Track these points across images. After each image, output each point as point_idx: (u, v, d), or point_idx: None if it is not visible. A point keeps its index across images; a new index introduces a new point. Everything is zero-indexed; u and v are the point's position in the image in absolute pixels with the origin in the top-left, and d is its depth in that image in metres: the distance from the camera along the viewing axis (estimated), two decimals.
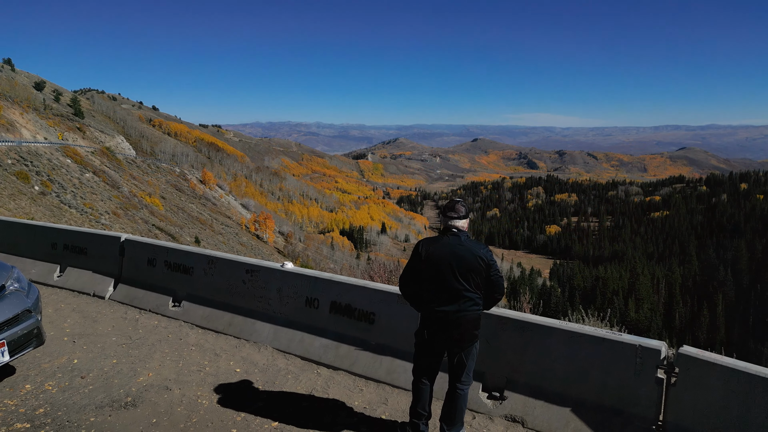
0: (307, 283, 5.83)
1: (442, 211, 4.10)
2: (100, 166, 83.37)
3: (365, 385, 5.07)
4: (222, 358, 5.60)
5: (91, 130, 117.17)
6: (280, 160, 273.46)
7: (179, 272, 6.84)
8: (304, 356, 5.58)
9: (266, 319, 6.04)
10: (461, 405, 4.04)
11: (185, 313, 6.62)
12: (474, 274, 3.82)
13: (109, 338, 6.04)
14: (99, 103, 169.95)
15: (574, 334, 4.33)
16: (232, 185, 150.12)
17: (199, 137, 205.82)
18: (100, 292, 7.41)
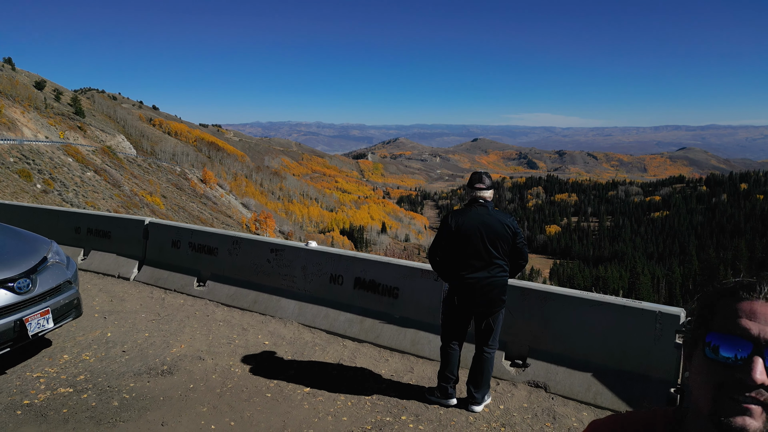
0: (331, 260, 6.02)
1: (469, 183, 4.29)
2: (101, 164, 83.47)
3: (390, 356, 5.26)
4: (250, 332, 5.79)
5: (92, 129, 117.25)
6: (280, 159, 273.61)
7: (204, 253, 7.03)
8: (330, 330, 5.77)
9: (291, 296, 6.23)
10: (488, 368, 4.23)
11: (210, 292, 6.81)
12: (502, 241, 4.02)
13: (139, 315, 6.23)
14: (99, 102, 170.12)
15: (595, 302, 4.52)
16: (232, 185, 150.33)
17: (199, 137, 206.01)
18: (124, 274, 7.59)
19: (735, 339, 0.81)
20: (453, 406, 4.28)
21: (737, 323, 0.82)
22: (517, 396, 4.52)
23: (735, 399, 0.79)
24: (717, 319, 0.85)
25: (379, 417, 4.11)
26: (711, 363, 0.83)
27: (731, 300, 0.85)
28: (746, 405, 0.78)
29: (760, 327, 0.80)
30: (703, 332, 0.86)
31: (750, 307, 0.83)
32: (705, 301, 0.90)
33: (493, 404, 4.36)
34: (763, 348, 0.78)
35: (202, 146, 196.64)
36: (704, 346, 0.85)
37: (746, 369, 0.78)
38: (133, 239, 7.75)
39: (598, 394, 4.34)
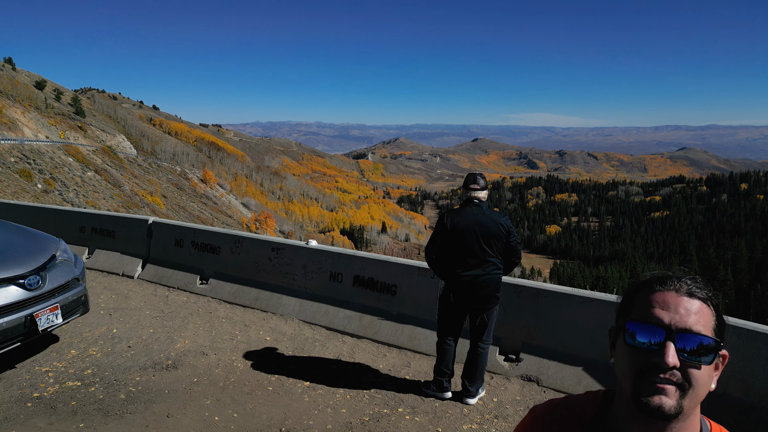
0: (331, 259, 6.18)
1: (464, 184, 4.44)
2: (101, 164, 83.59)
3: (388, 351, 5.42)
4: (251, 329, 5.94)
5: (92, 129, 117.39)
6: (280, 159, 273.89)
7: (206, 252, 7.18)
8: (329, 326, 5.92)
9: (292, 293, 6.39)
10: (482, 363, 4.39)
11: (213, 290, 6.96)
12: (496, 240, 4.18)
13: (143, 312, 6.38)
14: (100, 102, 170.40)
15: (585, 299, 4.67)
16: (232, 184, 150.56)
17: (199, 137, 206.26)
18: (128, 272, 7.75)
19: (650, 327, 0.92)
20: (448, 399, 4.44)
21: (651, 312, 0.93)
22: (510, 389, 4.67)
23: (652, 380, 0.90)
24: (635, 310, 0.96)
25: (376, 409, 4.27)
26: (631, 349, 0.94)
27: (647, 292, 0.97)
28: (661, 385, 0.89)
29: (671, 315, 0.91)
30: (623, 321, 0.97)
31: (663, 297, 0.94)
32: (626, 293, 1.02)
33: (487, 397, 4.51)
34: (674, 334, 0.90)
35: (203, 146, 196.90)
36: (624, 334, 0.95)
37: (660, 353, 0.89)
38: (137, 238, 7.91)
39: (589, 387, 4.50)
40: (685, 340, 0.90)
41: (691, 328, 0.91)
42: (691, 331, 0.91)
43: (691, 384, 0.90)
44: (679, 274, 0.98)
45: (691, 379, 0.90)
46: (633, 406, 0.93)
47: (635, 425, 0.96)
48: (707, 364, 0.91)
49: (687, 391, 0.90)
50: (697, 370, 0.90)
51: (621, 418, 0.99)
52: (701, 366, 0.91)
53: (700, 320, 0.92)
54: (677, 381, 0.90)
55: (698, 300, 0.94)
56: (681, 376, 0.90)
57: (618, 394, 1.01)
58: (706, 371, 0.92)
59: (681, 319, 0.91)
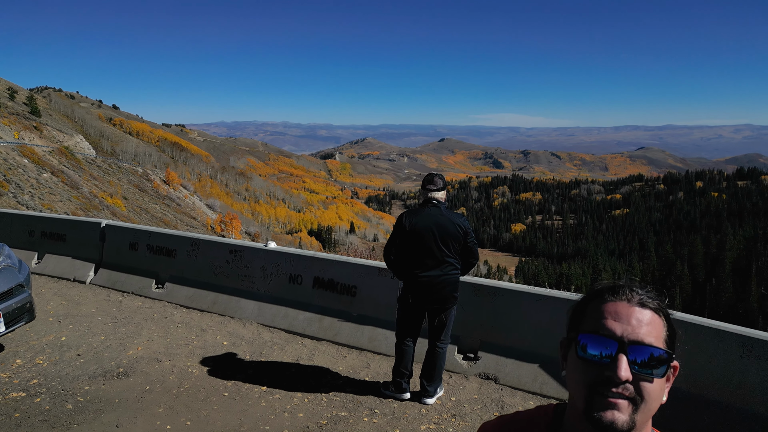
0: (290, 260, 6.10)
1: (422, 185, 4.44)
2: (58, 166, 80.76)
3: (348, 353, 5.38)
4: (208, 333, 5.81)
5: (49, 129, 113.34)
6: (246, 160, 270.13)
7: (162, 255, 7.00)
8: (289, 329, 5.84)
9: (250, 296, 6.28)
10: (440, 363, 4.39)
11: (169, 294, 6.79)
12: (454, 241, 4.19)
13: (95, 318, 6.17)
14: (56, 101, 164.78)
15: (541, 296, 4.74)
16: (196, 185, 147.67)
17: (162, 137, 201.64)
18: (80, 277, 7.48)
19: (602, 339, 0.89)
20: (407, 399, 4.43)
21: (603, 324, 0.90)
22: (468, 388, 4.70)
23: (604, 395, 0.87)
24: (586, 321, 0.93)
25: (335, 412, 4.22)
26: (582, 362, 0.91)
27: (598, 302, 0.94)
28: (614, 400, 0.86)
29: (623, 327, 0.89)
30: (575, 334, 0.94)
31: (614, 308, 0.91)
32: (577, 304, 0.99)
33: (446, 397, 4.52)
34: (627, 346, 0.87)
35: (165, 146, 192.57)
36: (576, 346, 0.92)
37: (613, 366, 0.86)
38: (90, 242, 7.65)
39: (545, 384, 4.56)
40: (637, 352, 0.88)
41: (643, 340, 0.88)
42: (643, 342, 0.88)
43: (643, 398, 0.88)
44: (630, 284, 0.95)
45: (644, 393, 0.88)
46: (585, 422, 0.90)
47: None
48: (659, 377, 0.89)
49: (639, 405, 0.88)
50: (649, 384, 0.88)
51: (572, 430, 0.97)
52: (653, 379, 0.88)
53: (651, 331, 0.90)
54: (630, 395, 0.87)
55: (650, 310, 0.92)
56: (633, 390, 0.87)
57: (569, 408, 0.98)
58: (658, 384, 0.90)
59: (633, 331, 0.89)
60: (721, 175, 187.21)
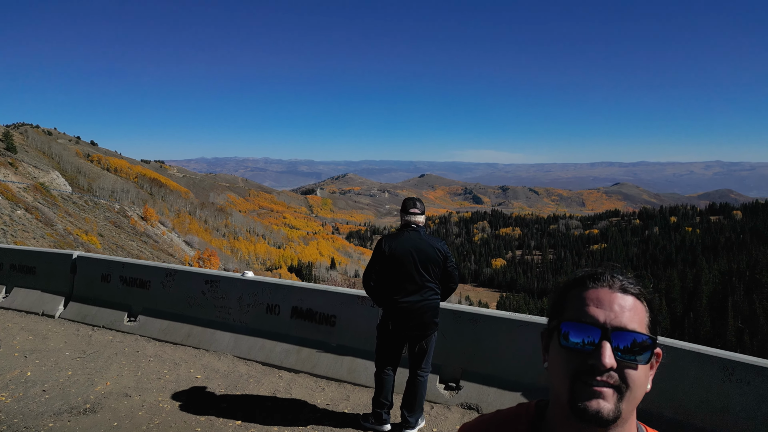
0: (267, 290, 5.97)
1: (402, 208, 4.40)
2: (32, 202, 79.32)
3: (327, 385, 5.22)
4: (182, 367, 5.60)
5: (24, 165, 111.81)
6: (225, 196, 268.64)
7: (135, 287, 6.79)
8: (266, 362, 5.67)
9: (226, 328, 6.10)
10: (421, 392, 4.27)
11: (141, 327, 6.56)
12: (434, 265, 4.14)
13: (62, 353, 5.91)
14: (33, 137, 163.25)
15: (523, 322, 4.69)
16: (174, 222, 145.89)
17: (140, 173, 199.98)
18: (49, 311, 7.21)
19: (584, 326, 0.87)
20: (387, 431, 4.29)
21: (585, 311, 0.88)
22: (450, 419, 4.57)
23: (588, 384, 0.85)
24: (568, 309, 0.91)
25: None
26: (565, 351, 0.89)
27: (580, 290, 0.92)
28: (598, 389, 0.84)
29: (606, 313, 0.87)
30: (556, 323, 0.92)
31: (596, 295, 0.89)
32: (557, 293, 0.97)
33: (427, 428, 4.39)
34: (610, 333, 0.85)
35: (144, 183, 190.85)
36: (558, 336, 0.90)
37: (596, 354, 0.84)
38: (60, 274, 7.41)
39: None
40: (620, 339, 0.86)
41: (626, 326, 0.86)
42: (626, 329, 0.86)
43: (628, 385, 0.86)
44: (610, 270, 0.93)
45: (628, 380, 0.86)
46: (569, 413, 0.87)
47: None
48: (644, 363, 0.87)
49: (624, 393, 0.86)
50: (633, 371, 0.86)
51: (556, 427, 0.94)
52: (638, 366, 0.87)
53: (634, 317, 0.88)
54: (614, 383, 0.85)
55: (631, 296, 0.90)
56: (618, 377, 0.85)
57: (552, 402, 0.96)
58: (643, 371, 0.88)
59: (616, 317, 0.87)
60: (694, 210, 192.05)
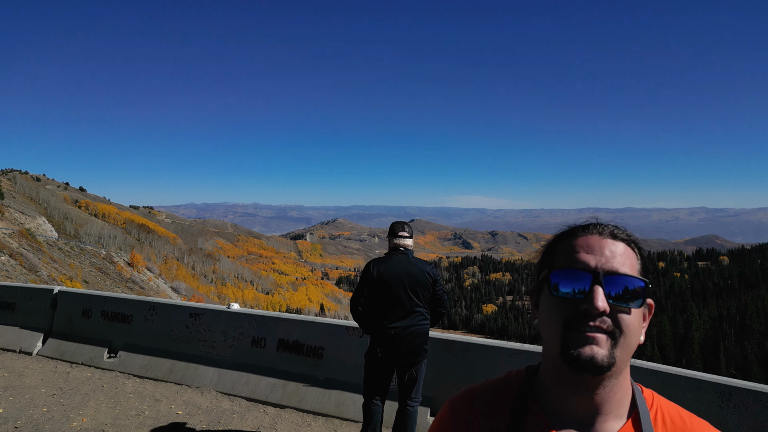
0: (253, 322, 5.81)
1: (391, 232, 4.33)
2: (17, 248, 78.32)
3: (314, 420, 5.01)
4: (162, 403, 5.37)
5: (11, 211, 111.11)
6: (214, 241, 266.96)
7: (117, 321, 6.59)
8: (250, 397, 5.45)
9: (210, 362, 5.89)
10: (411, 424, 4.10)
11: (122, 364, 6.32)
12: (423, 289, 4.05)
13: (38, 390, 5.66)
14: (21, 183, 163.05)
15: (516, 351, 4.59)
16: (162, 268, 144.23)
17: (129, 219, 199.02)
18: (26, 348, 6.94)
19: (575, 272, 0.85)
20: None
21: (576, 258, 0.87)
22: None
23: (581, 330, 0.82)
24: (558, 259, 0.90)
25: None
26: (556, 301, 0.87)
27: (570, 239, 0.90)
28: (592, 334, 0.82)
29: (597, 259, 0.85)
30: (546, 273, 0.90)
31: (586, 241, 0.88)
32: (546, 246, 0.96)
33: None
34: (601, 277, 0.84)
35: (132, 228, 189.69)
36: (548, 286, 0.89)
37: (588, 299, 0.82)
38: (39, 310, 7.19)
39: None
40: (612, 283, 0.84)
41: (618, 270, 0.85)
42: (618, 272, 0.85)
43: (622, 330, 0.83)
44: (599, 221, 0.92)
45: (622, 325, 0.84)
46: (562, 365, 0.86)
47: (565, 388, 0.88)
48: (637, 307, 0.85)
49: (618, 339, 0.83)
50: (627, 315, 0.84)
51: (548, 386, 0.92)
52: (631, 310, 0.85)
53: (626, 262, 0.86)
54: (608, 328, 0.83)
55: (622, 242, 0.89)
56: (611, 322, 0.83)
57: (543, 361, 0.94)
58: (636, 317, 0.86)
59: (607, 262, 0.85)
60: (681, 255, 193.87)
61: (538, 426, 0.91)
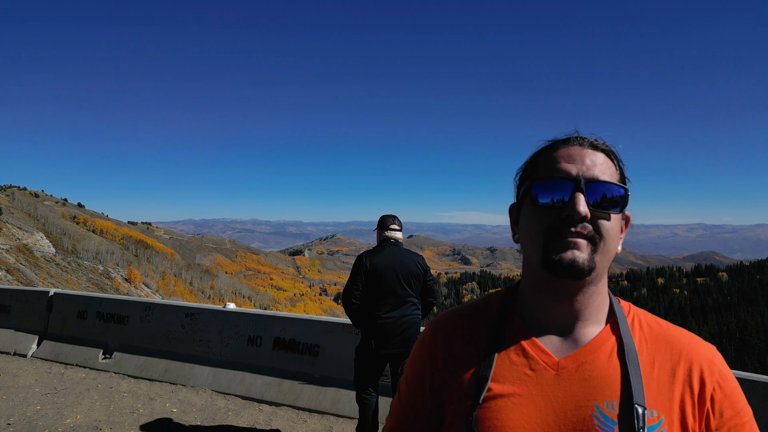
0: (249, 321, 5.80)
1: (381, 225, 4.35)
2: (14, 264, 78.19)
3: (309, 417, 4.99)
4: (157, 402, 5.34)
5: (9, 226, 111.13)
6: (212, 257, 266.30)
7: (113, 322, 6.57)
8: (246, 395, 5.43)
9: (205, 362, 5.87)
10: None
11: (116, 364, 6.29)
12: (415, 279, 4.07)
13: (32, 389, 5.63)
14: (20, 199, 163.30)
15: None
16: (159, 283, 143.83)
17: (127, 234, 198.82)
18: (21, 350, 6.91)
19: (557, 181, 0.86)
20: None
21: (557, 167, 0.88)
22: None
23: (562, 237, 0.84)
24: (540, 170, 0.90)
25: None
26: (538, 211, 0.88)
27: (550, 151, 0.91)
28: (572, 239, 0.83)
29: (578, 167, 0.87)
30: (529, 185, 0.91)
31: (567, 152, 0.89)
32: (527, 160, 0.96)
33: None
34: (582, 184, 0.85)
35: (130, 244, 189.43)
36: (531, 198, 0.89)
37: (570, 205, 0.83)
38: (35, 312, 7.17)
39: None
40: (593, 191, 0.86)
41: (598, 177, 0.86)
42: (598, 179, 0.86)
43: (602, 236, 0.85)
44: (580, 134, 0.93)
45: (602, 231, 0.85)
46: (543, 273, 0.87)
47: (545, 297, 0.90)
48: (617, 213, 0.87)
49: (598, 244, 0.85)
50: (606, 222, 0.86)
51: (528, 298, 0.94)
52: (610, 216, 0.86)
53: (606, 170, 0.88)
54: (588, 234, 0.84)
55: (602, 152, 0.90)
56: (591, 228, 0.84)
57: (523, 276, 0.95)
58: (615, 223, 0.87)
59: (588, 170, 0.87)
60: (680, 271, 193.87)
61: (519, 336, 0.92)
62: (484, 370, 0.90)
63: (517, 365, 0.90)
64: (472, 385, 0.90)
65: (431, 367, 0.98)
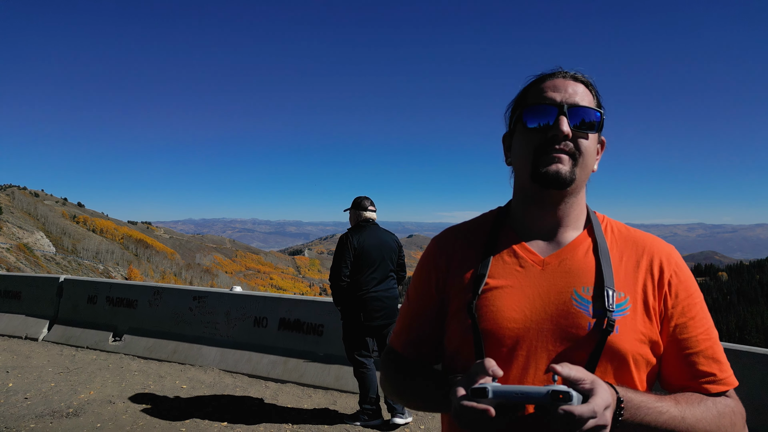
0: (255, 303, 6.00)
1: (358, 206, 4.61)
2: (15, 262, 78.35)
3: (314, 392, 5.19)
4: (167, 379, 5.54)
5: (9, 226, 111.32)
6: (212, 257, 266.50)
7: (122, 306, 6.77)
8: (252, 374, 5.63)
9: (213, 343, 6.07)
10: None
11: (126, 346, 6.49)
12: (394, 255, 4.50)
13: (45, 369, 5.83)
14: (20, 199, 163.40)
15: None
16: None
17: (127, 234, 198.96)
18: (33, 335, 7.11)
19: (544, 107, 1.04)
20: (376, 426, 4.28)
21: (544, 96, 1.05)
22: (436, 416, 4.56)
23: (548, 153, 1.01)
24: (528, 99, 1.08)
25: None
26: (528, 133, 1.05)
27: (538, 83, 1.09)
28: (557, 155, 1.01)
29: (562, 95, 1.04)
30: (520, 112, 1.08)
31: (552, 83, 1.07)
32: (518, 94, 1.12)
33: (414, 425, 4.38)
34: (566, 108, 1.02)
35: (130, 244, 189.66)
36: (522, 123, 1.07)
37: (555, 126, 1.01)
38: (45, 298, 7.37)
39: None
40: (574, 114, 1.02)
41: (579, 103, 1.03)
42: (579, 105, 1.03)
43: (581, 152, 1.02)
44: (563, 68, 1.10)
45: (581, 148, 1.02)
46: (531, 186, 1.04)
47: (532, 206, 1.08)
48: (594, 133, 1.04)
49: (578, 159, 1.02)
50: (585, 140, 1.03)
51: (518, 211, 1.12)
52: (588, 136, 1.04)
53: (585, 98, 1.05)
54: (570, 150, 1.01)
55: (581, 83, 1.07)
56: (573, 146, 1.01)
57: (514, 194, 1.14)
58: (593, 143, 1.05)
59: (570, 97, 1.03)
60: None
61: (510, 241, 1.10)
62: (481, 269, 1.07)
63: (509, 264, 1.07)
64: (471, 282, 1.07)
65: (437, 272, 1.14)
